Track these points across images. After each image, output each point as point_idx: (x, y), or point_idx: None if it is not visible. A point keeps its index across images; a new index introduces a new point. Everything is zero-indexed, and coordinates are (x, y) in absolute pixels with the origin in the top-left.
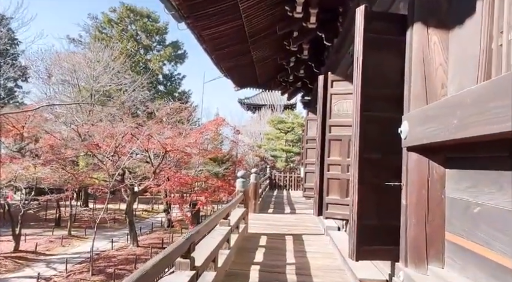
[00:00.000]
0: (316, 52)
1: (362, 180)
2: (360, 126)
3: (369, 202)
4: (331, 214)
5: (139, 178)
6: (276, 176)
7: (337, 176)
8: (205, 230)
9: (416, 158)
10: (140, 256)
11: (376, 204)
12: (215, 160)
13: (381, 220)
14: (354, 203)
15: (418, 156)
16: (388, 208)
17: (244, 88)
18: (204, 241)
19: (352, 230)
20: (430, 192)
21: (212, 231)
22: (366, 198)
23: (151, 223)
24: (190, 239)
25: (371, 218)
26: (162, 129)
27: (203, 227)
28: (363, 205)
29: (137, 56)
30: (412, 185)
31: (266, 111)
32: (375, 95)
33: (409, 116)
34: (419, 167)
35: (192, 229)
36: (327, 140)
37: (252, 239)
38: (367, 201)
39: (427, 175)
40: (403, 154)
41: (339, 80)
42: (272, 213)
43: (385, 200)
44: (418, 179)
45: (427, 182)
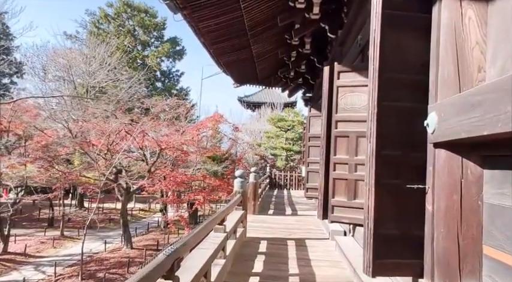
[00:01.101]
0: (318, 46)
1: (379, 181)
2: (377, 118)
3: (388, 208)
4: (337, 218)
5: (135, 177)
6: (276, 175)
7: (344, 176)
8: (194, 240)
9: (446, 156)
10: (134, 259)
11: (396, 210)
12: (214, 159)
13: (402, 229)
14: (370, 208)
15: (448, 154)
16: (410, 215)
17: (243, 85)
18: (195, 252)
19: (368, 241)
20: (464, 197)
21: (205, 238)
22: (384, 203)
23: (147, 223)
24: (174, 254)
25: (390, 226)
26: (157, 126)
27: (192, 237)
28: (381, 211)
29: (134, 52)
30: (440, 189)
31: (266, 109)
32: (395, 81)
33: (438, 106)
34: (450, 166)
35: (176, 242)
36: (332, 136)
37: (250, 244)
38: (385, 206)
39: (460, 176)
40: (429, 151)
41: (346, 71)
42: (272, 215)
43: (406, 206)
44: (448, 181)
45: (460, 184)
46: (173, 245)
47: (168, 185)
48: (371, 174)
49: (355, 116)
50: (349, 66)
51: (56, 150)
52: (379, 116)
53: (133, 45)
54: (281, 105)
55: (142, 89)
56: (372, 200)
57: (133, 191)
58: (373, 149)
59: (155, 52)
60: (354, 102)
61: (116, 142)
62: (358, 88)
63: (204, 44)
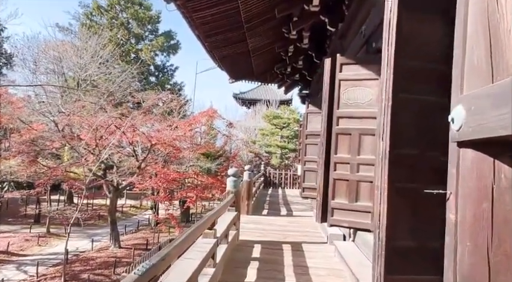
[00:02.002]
0: (316, 40)
1: (393, 185)
2: (392, 112)
3: (402, 215)
4: (337, 221)
5: (125, 173)
6: (271, 174)
7: (345, 176)
8: (177, 252)
9: (474, 157)
10: (121, 259)
11: (412, 219)
12: (208, 156)
13: (419, 240)
14: (382, 215)
15: (477, 155)
16: (429, 224)
17: (239, 80)
18: (179, 264)
19: (378, 253)
20: (496, 206)
21: (193, 246)
22: (398, 210)
23: (138, 221)
24: (148, 273)
25: (405, 236)
26: (148, 121)
27: (173, 249)
28: (394, 219)
29: (127, 45)
30: (466, 195)
31: (261, 106)
32: (413, 70)
33: (467, 98)
34: (479, 169)
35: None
36: (333, 134)
37: (243, 248)
38: (400, 213)
39: (492, 182)
40: (451, 151)
41: (350, 64)
42: (267, 215)
43: (424, 213)
44: (476, 187)
45: (491, 191)
46: (150, 260)
47: (158, 183)
48: (383, 176)
49: (358, 112)
50: (352, 58)
51: (43, 144)
52: (393, 110)
53: (126, 38)
54: (277, 102)
55: (135, 83)
56: (384, 206)
57: (123, 188)
58: (386, 147)
59: (149, 46)
60: (357, 97)
61: (105, 137)
62: (362, 82)
63: (199, 36)
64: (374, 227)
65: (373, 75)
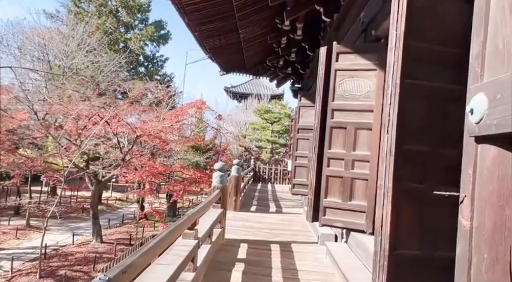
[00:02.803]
0: (310, 32)
1: (399, 185)
2: (400, 100)
3: (409, 220)
4: (330, 221)
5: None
6: (261, 168)
7: (339, 173)
8: (144, 262)
9: (496, 155)
10: (102, 254)
11: (419, 224)
12: (197, 149)
13: (427, 249)
14: (385, 220)
15: (500, 152)
16: (438, 231)
17: (230, 72)
18: (152, 270)
19: (380, 263)
20: None
21: (170, 249)
22: (404, 214)
23: (123, 214)
24: None
25: (411, 245)
26: (134, 111)
27: (139, 258)
28: (399, 224)
29: (116, 34)
30: (485, 199)
31: (252, 100)
32: (423, 53)
33: (490, 86)
34: (502, 169)
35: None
36: (327, 128)
37: (228, 248)
38: (406, 218)
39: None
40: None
41: (347, 53)
42: (255, 212)
43: (433, 218)
44: (498, 190)
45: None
46: (107, 272)
47: (142, 176)
48: (388, 174)
49: (355, 105)
50: (350, 47)
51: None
52: (401, 98)
53: (115, 27)
54: (268, 97)
55: (123, 73)
56: (387, 209)
57: (106, 181)
58: (391, 142)
59: (138, 35)
60: (353, 89)
61: (89, 127)
62: (360, 72)
63: (189, 25)
64: (375, 232)
65: (372, 66)
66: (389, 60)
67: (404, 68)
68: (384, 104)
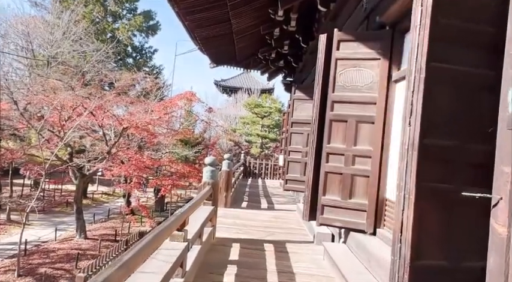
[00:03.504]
0: (305, 23)
1: (422, 184)
2: (425, 87)
3: (433, 225)
4: (328, 220)
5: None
6: (251, 163)
7: (338, 169)
8: (123, 274)
9: None
10: (86, 251)
11: (445, 230)
12: (186, 142)
13: (453, 259)
14: (405, 225)
15: None
16: (467, 238)
17: (221, 65)
18: (134, 281)
19: (399, 275)
20: None
21: (156, 253)
22: (428, 219)
23: (109, 209)
24: None
25: (435, 254)
26: (120, 102)
27: (116, 271)
28: (422, 230)
29: (103, 23)
30: None
31: (243, 94)
32: (454, 32)
33: None
34: None
35: None
36: (327, 121)
37: (220, 248)
38: (429, 223)
39: None
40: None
41: (349, 40)
42: (246, 209)
43: (461, 223)
44: None
45: None
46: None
47: (128, 170)
48: (409, 173)
49: (356, 97)
50: (352, 35)
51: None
52: (427, 85)
53: (102, 16)
54: (258, 91)
55: (111, 63)
56: (408, 213)
57: (90, 174)
58: (414, 135)
59: (126, 25)
60: (355, 80)
61: (74, 118)
62: (362, 62)
63: (179, 14)
64: (394, 240)
65: (375, 55)
66: (413, 41)
67: (431, 50)
68: (406, 90)
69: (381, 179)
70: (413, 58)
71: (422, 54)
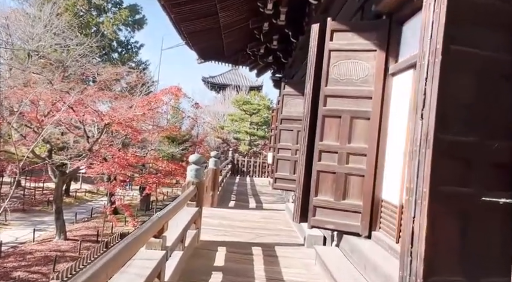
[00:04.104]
0: (294, 17)
1: (436, 188)
2: (441, 73)
3: (449, 236)
4: (320, 222)
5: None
6: (239, 161)
7: (331, 168)
8: None
9: None
10: (65, 253)
11: (464, 241)
12: (173, 139)
13: (472, 275)
14: (419, 236)
15: None
16: (489, 251)
17: (208, 61)
18: None
19: None
20: None
21: (129, 264)
22: (443, 228)
23: (92, 208)
24: None
25: (452, 269)
26: (102, 97)
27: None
28: (437, 242)
29: (87, 17)
30: None
31: (231, 91)
32: (476, 9)
33: None
34: None
35: None
36: (319, 116)
37: (204, 253)
38: (445, 233)
39: None
40: None
41: (343, 31)
42: (234, 208)
43: (481, 233)
44: None
45: None
46: None
47: (110, 168)
48: (422, 174)
49: (351, 91)
50: (346, 24)
51: None
52: (443, 71)
53: (86, 9)
54: (247, 88)
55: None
56: (422, 221)
57: (71, 172)
58: (428, 129)
59: (111, 19)
60: (350, 72)
61: (53, 114)
62: (357, 53)
63: (164, 6)
64: (402, 253)
65: (371, 46)
66: (427, 19)
67: (448, 30)
68: (417, 78)
69: (376, 179)
70: (427, 39)
71: (437, 35)
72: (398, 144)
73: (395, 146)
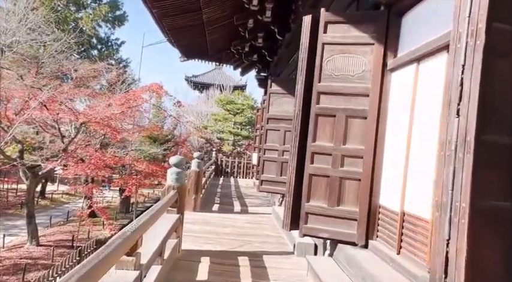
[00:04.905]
0: (281, 13)
1: (478, 202)
2: (484, 59)
3: (494, 261)
4: (313, 230)
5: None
6: (223, 161)
7: (325, 171)
8: None
9: None
10: (37, 260)
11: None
12: (155, 139)
13: None
14: (456, 261)
15: None
16: None
17: (192, 59)
18: None
19: None
20: None
21: None
22: (487, 252)
23: (68, 210)
24: None
25: None
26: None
27: None
28: (480, 269)
29: (65, 12)
30: None
31: (214, 91)
32: None
33: None
34: None
35: None
36: (312, 115)
37: (185, 265)
38: (490, 258)
39: None
40: None
41: (338, 22)
42: (218, 212)
43: None
44: None
45: None
46: None
47: (85, 169)
48: (460, 185)
49: (346, 87)
50: (341, 16)
51: None
52: (486, 55)
53: (64, 4)
54: (231, 88)
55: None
56: (459, 246)
57: (44, 174)
58: (468, 129)
59: (91, 15)
60: (345, 68)
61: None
62: (353, 47)
63: (145, 1)
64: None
65: (368, 39)
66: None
67: (494, 6)
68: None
69: (373, 183)
70: (464, 16)
71: (478, 12)
72: (397, 146)
73: (394, 147)
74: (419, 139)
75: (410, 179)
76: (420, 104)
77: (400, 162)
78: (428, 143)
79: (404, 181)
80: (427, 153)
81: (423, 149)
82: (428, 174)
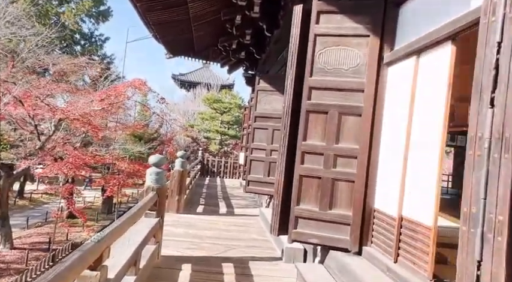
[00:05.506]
0: (269, 9)
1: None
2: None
3: None
4: (303, 236)
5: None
6: (209, 161)
7: (316, 172)
8: None
9: None
10: (10, 265)
11: None
12: (140, 138)
13: None
14: None
15: None
16: None
17: (178, 56)
18: None
19: None
20: None
21: None
22: None
23: (48, 211)
24: None
25: None
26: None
27: None
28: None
29: (47, 6)
30: None
31: (202, 89)
32: None
33: None
34: None
35: None
36: (302, 112)
37: (165, 273)
38: None
39: None
40: None
41: (331, 12)
42: (202, 214)
43: None
44: None
45: None
46: None
47: (62, 168)
48: (497, 192)
49: (340, 82)
50: (335, 5)
51: None
52: None
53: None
54: (218, 86)
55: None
56: (495, 269)
57: (18, 174)
58: (502, 122)
59: (73, 9)
60: (339, 61)
61: None
62: (348, 39)
63: None
64: None
65: (363, 30)
66: None
67: None
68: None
69: (368, 185)
70: None
71: None
72: (395, 145)
73: (391, 146)
74: (419, 137)
75: (409, 181)
76: (420, 99)
77: (397, 163)
78: (430, 140)
79: (402, 183)
80: (429, 152)
81: (425, 147)
82: (431, 176)
